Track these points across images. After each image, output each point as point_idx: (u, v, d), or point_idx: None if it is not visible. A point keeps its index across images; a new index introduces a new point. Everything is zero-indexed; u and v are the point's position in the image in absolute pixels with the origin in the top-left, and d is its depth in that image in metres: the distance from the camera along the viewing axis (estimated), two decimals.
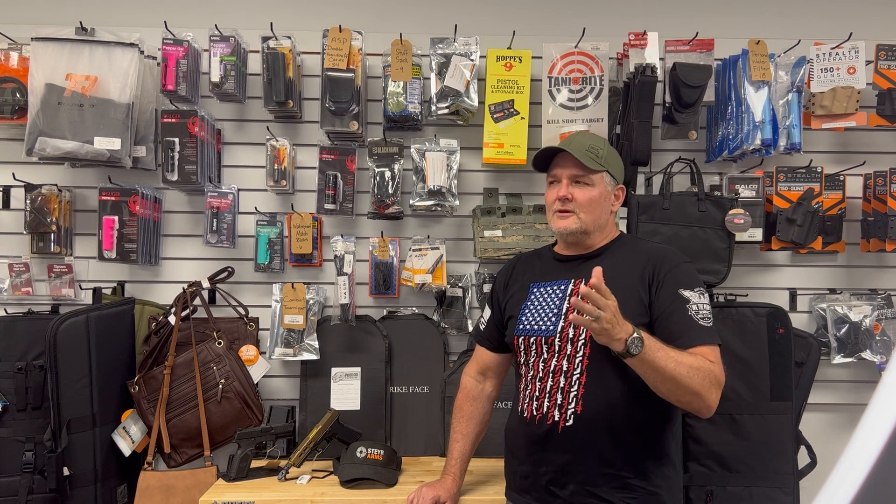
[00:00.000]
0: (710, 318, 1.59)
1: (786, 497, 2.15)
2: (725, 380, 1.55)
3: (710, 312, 1.60)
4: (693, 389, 1.47)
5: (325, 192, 2.45)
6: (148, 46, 2.42)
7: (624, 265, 1.67)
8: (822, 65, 2.41)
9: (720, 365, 1.55)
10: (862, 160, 2.55)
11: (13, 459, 2.24)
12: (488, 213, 2.48)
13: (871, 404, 0.51)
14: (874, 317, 2.48)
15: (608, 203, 1.75)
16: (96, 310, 2.33)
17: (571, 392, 1.62)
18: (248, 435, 2.23)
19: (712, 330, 1.58)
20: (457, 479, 1.93)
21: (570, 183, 1.71)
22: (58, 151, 2.28)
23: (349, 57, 2.38)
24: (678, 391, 1.48)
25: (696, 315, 1.57)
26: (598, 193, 1.72)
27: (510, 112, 2.43)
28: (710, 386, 1.49)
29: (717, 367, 1.53)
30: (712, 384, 1.50)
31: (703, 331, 1.56)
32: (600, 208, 1.72)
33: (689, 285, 1.61)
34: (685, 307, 1.57)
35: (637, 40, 2.34)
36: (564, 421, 1.61)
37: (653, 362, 1.43)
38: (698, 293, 1.61)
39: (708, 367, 1.50)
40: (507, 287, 1.87)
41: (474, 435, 1.96)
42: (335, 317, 2.51)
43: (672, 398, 1.51)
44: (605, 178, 1.73)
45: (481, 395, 1.97)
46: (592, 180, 1.71)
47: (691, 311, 1.57)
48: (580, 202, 1.70)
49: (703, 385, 1.47)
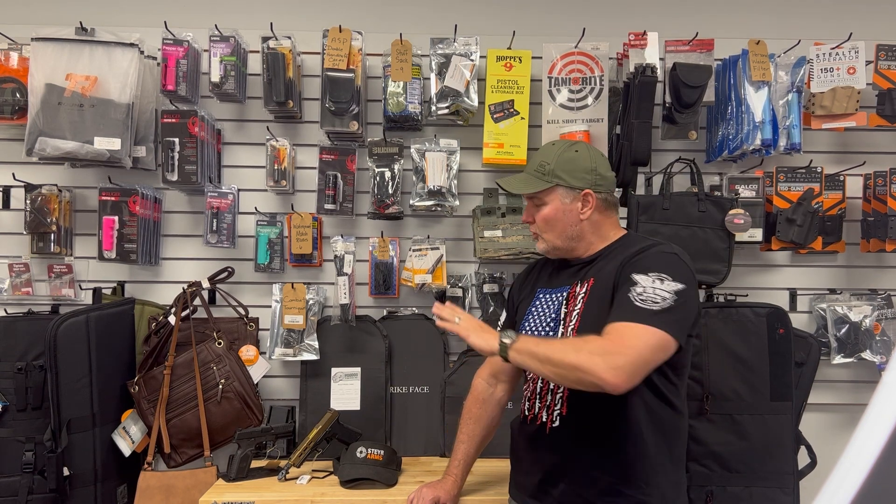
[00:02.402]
0: (655, 302, 1.45)
1: (786, 497, 2.15)
2: (726, 380, 1.53)
3: (663, 298, 1.46)
4: (569, 363, 1.40)
5: (325, 193, 2.45)
6: (148, 46, 2.42)
7: (609, 269, 1.61)
8: (822, 65, 2.41)
9: (626, 340, 1.41)
10: (862, 160, 2.55)
11: (13, 459, 2.24)
12: (488, 213, 2.48)
13: (871, 404, 0.51)
14: (874, 317, 2.48)
15: (571, 214, 1.68)
16: (96, 310, 2.33)
17: (558, 394, 1.62)
18: (248, 435, 2.23)
19: (646, 311, 1.44)
20: (458, 481, 1.92)
21: (531, 205, 1.73)
22: (58, 151, 2.28)
23: (349, 57, 2.38)
24: (557, 370, 1.44)
25: (636, 297, 1.46)
26: (551, 210, 1.68)
27: (510, 112, 2.43)
28: (590, 357, 1.38)
29: (610, 340, 1.41)
30: (594, 354, 1.39)
31: (632, 310, 1.45)
32: (561, 223, 1.68)
33: (644, 270, 1.51)
34: (630, 289, 1.48)
35: (637, 40, 2.34)
36: (551, 422, 1.62)
37: (526, 351, 1.49)
38: (653, 278, 1.49)
39: (591, 341, 1.42)
40: (521, 291, 1.87)
41: (480, 438, 1.94)
42: (335, 317, 2.51)
43: (560, 380, 1.52)
44: (558, 191, 1.68)
45: (491, 399, 1.94)
46: (543, 199, 1.69)
47: (633, 293, 1.47)
48: (538, 224, 1.71)
49: (580, 357, 1.39)
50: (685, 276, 1.53)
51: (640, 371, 1.42)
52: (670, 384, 1.58)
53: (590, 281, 1.64)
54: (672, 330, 1.45)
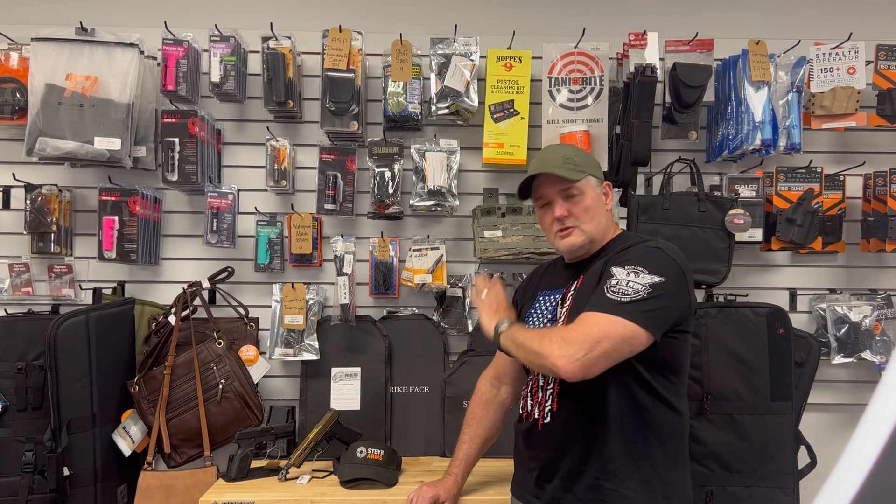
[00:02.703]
0: (626, 294, 1.45)
1: (786, 497, 2.15)
2: (726, 380, 1.53)
3: (634, 290, 1.45)
4: (533, 349, 1.49)
5: (325, 193, 2.45)
6: (148, 46, 2.42)
7: (596, 265, 1.63)
8: (821, 65, 2.41)
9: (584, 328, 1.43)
10: (862, 160, 2.55)
11: (13, 459, 2.24)
12: (488, 213, 2.48)
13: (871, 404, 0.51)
14: (874, 317, 2.48)
15: (602, 205, 1.72)
16: (96, 310, 2.33)
17: (549, 390, 1.64)
18: (248, 435, 2.23)
19: (612, 301, 1.44)
20: (458, 481, 1.92)
21: (561, 200, 1.68)
22: (58, 151, 2.28)
23: (349, 57, 2.38)
24: (528, 356, 1.53)
25: (610, 289, 1.47)
26: (590, 200, 1.68)
27: (510, 112, 2.44)
28: (549, 344, 1.44)
29: (571, 328, 1.45)
30: (553, 342, 1.43)
31: (600, 301, 1.46)
32: (598, 213, 1.70)
33: (622, 263, 1.52)
34: (606, 282, 1.49)
35: (637, 40, 2.34)
36: (543, 418, 1.63)
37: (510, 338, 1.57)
38: (628, 270, 1.49)
39: (558, 330, 1.50)
40: (524, 295, 1.88)
41: (482, 439, 1.94)
42: (335, 317, 2.51)
43: (534, 367, 1.61)
44: (590, 181, 1.70)
45: (494, 401, 1.94)
46: (581, 189, 1.67)
47: (608, 284, 1.48)
48: (578, 215, 1.67)
49: (542, 345, 1.46)
50: (665, 269, 1.51)
51: (599, 360, 1.41)
52: (666, 381, 1.57)
53: (580, 279, 1.66)
54: (641, 321, 1.43)
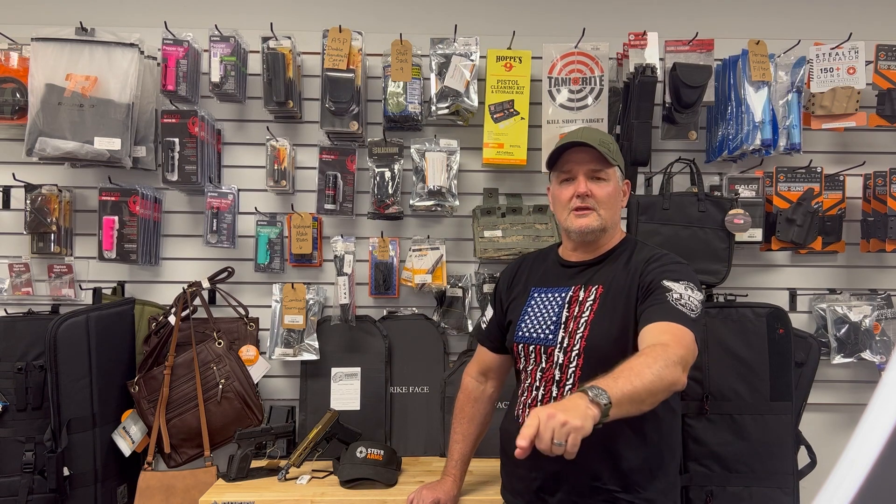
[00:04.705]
0: (692, 310, 1.48)
1: (786, 497, 2.15)
2: (725, 380, 1.52)
3: (696, 308, 1.49)
4: (654, 390, 1.30)
5: (325, 193, 2.45)
6: (148, 46, 2.42)
7: (620, 278, 1.61)
8: (821, 65, 2.41)
9: (680, 342, 1.39)
10: (862, 160, 2.55)
11: (13, 459, 2.24)
12: (488, 213, 2.48)
13: (871, 404, 0.51)
14: (874, 317, 2.48)
15: (620, 199, 1.70)
16: (96, 310, 2.33)
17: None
18: (248, 435, 2.23)
19: (689, 317, 1.46)
20: (457, 481, 1.93)
21: (586, 179, 1.65)
22: (58, 151, 2.28)
23: (349, 57, 2.38)
24: (653, 399, 1.33)
25: (675, 301, 1.47)
26: (614, 189, 1.66)
27: (510, 112, 2.44)
28: (664, 370, 1.31)
29: (672, 347, 1.37)
30: (667, 366, 1.32)
31: (675, 312, 1.46)
32: (616, 205, 1.68)
33: (675, 278, 1.54)
34: (665, 294, 1.49)
35: (637, 40, 2.34)
36: None
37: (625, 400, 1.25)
38: (684, 286, 1.52)
39: (661, 352, 1.34)
40: (511, 288, 1.83)
41: (475, 436, 1.95)
42: (335, 317, 2.51)
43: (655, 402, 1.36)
44: (617, 172, 1.68)
45: (482, 396, 1.95)
46: (608, 174, 1.65)
47: (671, 297, 1.48)
48: (600, 198, 1.63)
49: (660, 377, 1.30)
50: (699, 286, 1.59)
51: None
52: None
53: (598, 288, 1.62)
54: (699, 337, 1.48)
